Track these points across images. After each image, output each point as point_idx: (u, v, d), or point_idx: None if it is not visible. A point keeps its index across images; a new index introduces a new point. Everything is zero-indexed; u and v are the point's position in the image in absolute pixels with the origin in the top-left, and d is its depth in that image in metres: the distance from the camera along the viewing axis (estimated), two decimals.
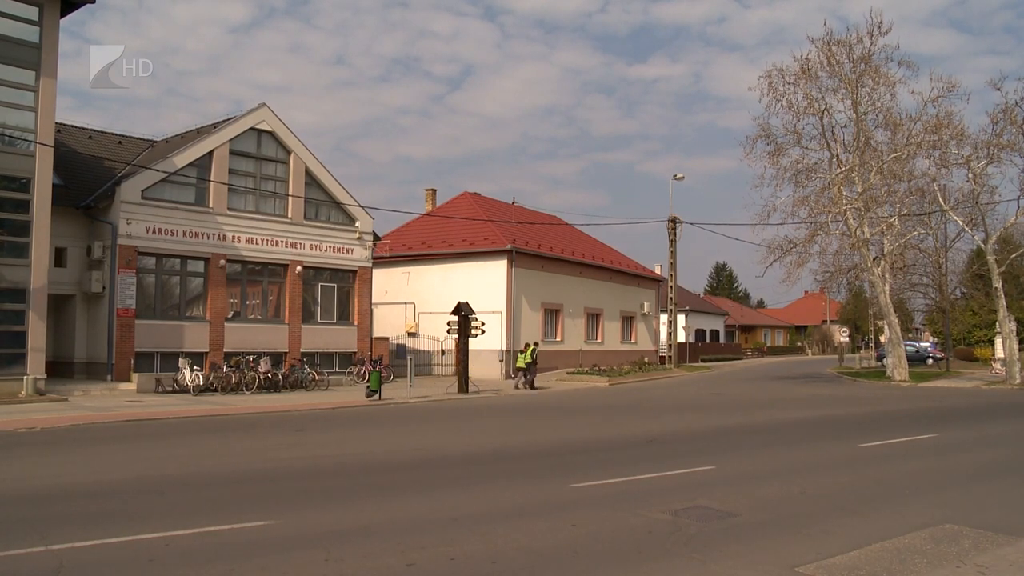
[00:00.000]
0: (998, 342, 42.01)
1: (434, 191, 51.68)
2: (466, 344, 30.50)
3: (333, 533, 8.45)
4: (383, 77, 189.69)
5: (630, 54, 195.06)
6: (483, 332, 31.09)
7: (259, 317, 32.70)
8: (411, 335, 40.98)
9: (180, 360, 27.82)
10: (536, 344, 35.01)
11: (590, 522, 9.09)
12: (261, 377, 28.29)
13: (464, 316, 30.28)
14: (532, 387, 32.87)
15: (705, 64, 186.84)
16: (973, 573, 7.04)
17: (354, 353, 34.94)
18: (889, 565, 7.28)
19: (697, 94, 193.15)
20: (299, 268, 32.79)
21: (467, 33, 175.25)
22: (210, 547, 7.89)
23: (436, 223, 44.29)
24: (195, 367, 27.61)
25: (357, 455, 14.85)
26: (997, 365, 42.00)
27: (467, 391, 29.41)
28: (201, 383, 27.00)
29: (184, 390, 26.79)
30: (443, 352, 39.36)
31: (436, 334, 37.76)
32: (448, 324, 30.94)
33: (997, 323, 40.99)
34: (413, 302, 41.80)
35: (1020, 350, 39.18)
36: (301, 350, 32.64)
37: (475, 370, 32.48)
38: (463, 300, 31.24)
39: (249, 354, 29.48)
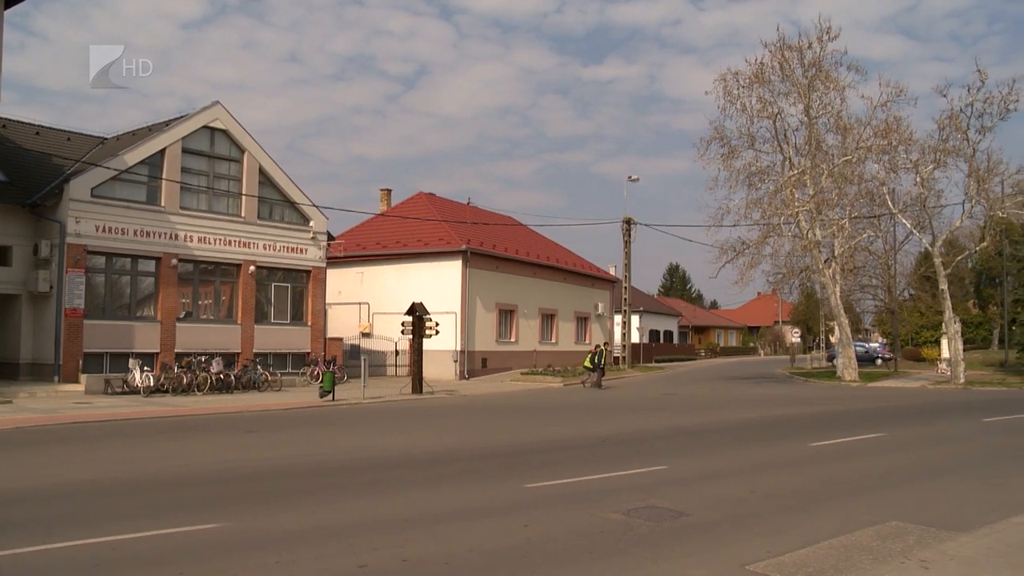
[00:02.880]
0: (944, 342, 42.77)
1: (389, 191, 51.51)
2: (420, 345, 30.42)
3: (285, 535, 8.39)
4: (338, 75, 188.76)
5: (586, 55, 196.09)
6: (437, 333, 31.02)
7: (211, 317, 32.37)
8: (365, 335, 40.79)
9: (130, 361, 27.44)
10: (603, 345, 38.51)
11: (543, 522, 9.11)
12: (213, 378, 28.00)
13: (418, 316, 30.20)
14: (599, 386, 34.79)
15: (660, 66, 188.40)
16: (916, 568, 7.16)
17: (308, 353, 34.73)
18: (836, 562, 7.38)
19: (652, 96, 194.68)
20: (252, 268, 32.53)
21: (423, 32, 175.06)
22: (159, 550, 7.80)
23: (391, 223, 44.14)
24: (145, 368, 27.24)
25: (310, 456, 14.74)
26: (943, 365, 42.73)
27: (421, 392, 29.33)
28: (152, 384, 26.63)
29: (134, 391, 26.42)
30: (397, 352, 39.23)
31: (390, 334, 37.61)
32: (402, 324, 30.84)
33: (943, 324, 41.68)
34: (367, 302, 41.61)
35: (964, 350, 39.91)
36: (254, 351, 32.37)
37: (429, 371, 32.42)
38: (417, 300, 31.15)
39: (201, 355, 29.16)
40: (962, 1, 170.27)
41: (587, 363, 36.25)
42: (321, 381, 26.89)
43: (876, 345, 64.48)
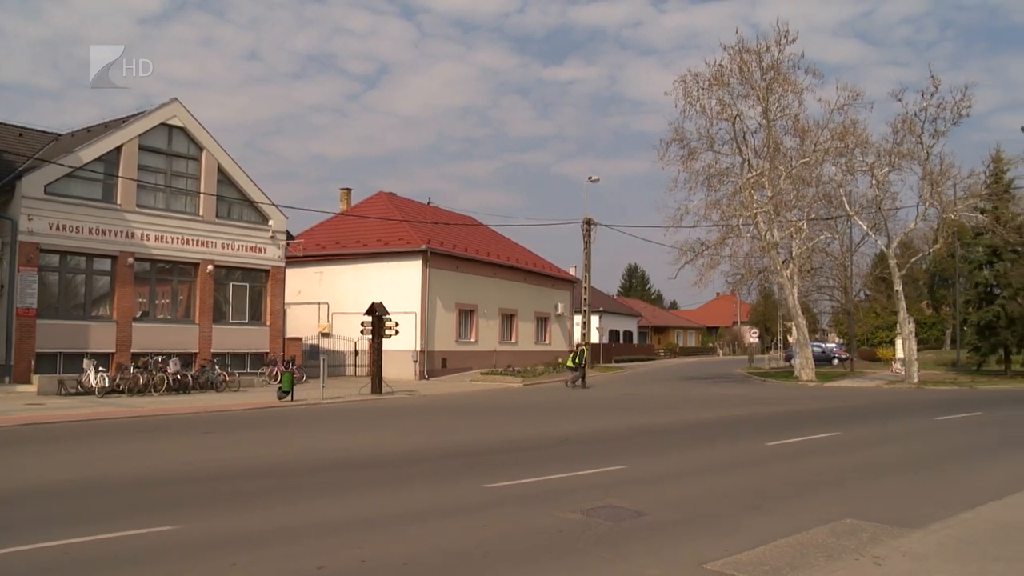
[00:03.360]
0: (898, 343, 43.37)
1: (349, 190, 51.27)
2: (380, 345, 30.31)
3: (241, 537, 8.33)
4: (297, 74, 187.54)
5: (547, 55, 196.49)
6: (397, 333, 30.93)
7: (168, 317, 32.02)
8: (324, 335, 40.55)
9: (84, 361, 27.05)
10: (583, 345, 39.77)
11: (502, 522, 9.14)
12: (170, 378, 27.70)
13: (378, 316, 30.08)
14: (583, 385, 35.72)
15: (620, 67, 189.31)
16: (870, 564, 7.27)
17: (266, 354, 34.46)
18: (792, 559, 7.47)
19: (612, 97, 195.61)
20: (210, 267, 32.22)
21: (384, 31, 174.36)
22: (112, 554, 7.71)
23: (351, 223, 43.93)
24: (100, 368, 26.90)
25: (267, 457, 14.63)
26: (897, 365, 43.34)
27: (381, 392, 29.23)
28: (107, 385, 26.31)
29: (88, 392, 26.08)
30: (357, 353, 39.04)
31: (350, 334, 37.42)
32: (362, 324, 30.71)
33: (898, 324, 42.31)
34: (327, 302, 41.38)
35: (918, 350, 40.52)
36: (212, 350, 32.04)
37: (389, 371, 32.30)
38: (377, 300, 31.03)
39: (158, 355, 28.83)
40: (915, 7, 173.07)
41: (570, 363, 36.98)
42: (280, 381, 26.70)
43: (833, 345, 65.24)
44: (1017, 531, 8.54)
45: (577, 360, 36.60)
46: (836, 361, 59.18)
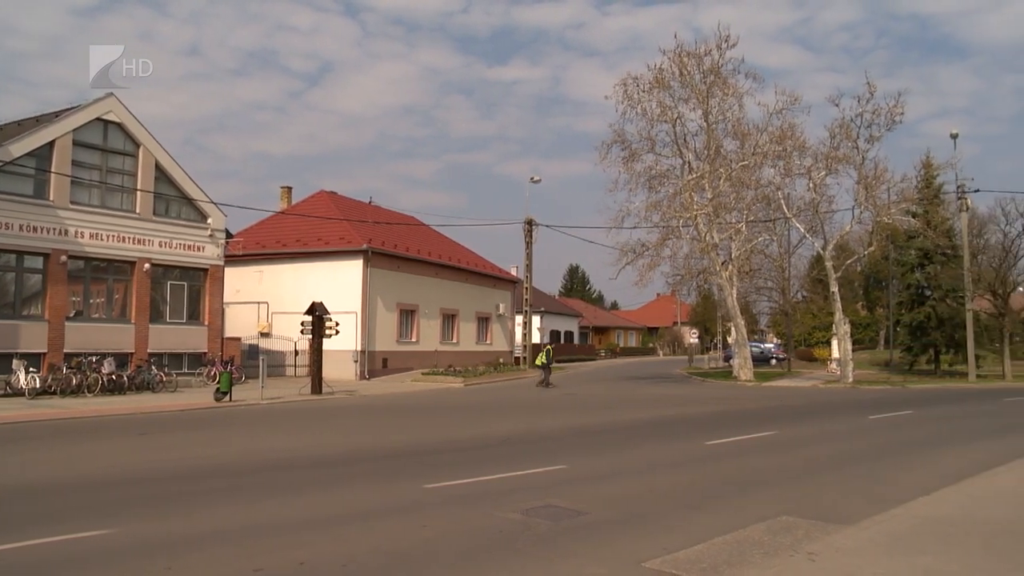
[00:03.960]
0: (834, 343, 44.19)
1: (290, 189, 50.85)
2: (320, 344, 30.11)
3: (177, 540, 8.22)
4: (239, 71, 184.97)
5: (490, 56, 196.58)
6: (337, 332, 30.76)
7: (103, 316, 31.39)
8: (264, 335, 40.13)
9: (14, 361, 26.43)
10: (550, 346, 40.46)
11: (442, 523, 9.14)
12: (104, 379, 27.21)
13: (318, 316, 29.88)
14: (548, 384, 36.30)
15: (563, 68, 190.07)
16: (804, 561, 7.41)
17: (204, 354, 33.98)
18: (729, 557, 7.56)
19: (555, 98, 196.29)
20: (147, 265, 31.66)
21: (327, 29, 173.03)
22: (42, 560, 7.56)
23: (291, 222, 43.52)
24: (31, 369, 26.30)
25: (205, 458, 14.44)
26: (833, 365, 44.13)
27: (321, 392, 29.02)
28: (38, 386, 25.73)
29: (18, 393, 25.50)
30: (297, 352, 38.71)
31: (290, 334, 37.09)
32: (302, 324, 30.46)
33: (834, 325, 43.08)
34: (266, 302, 40.95)
35: (853, 351, 41.36)
36: (148, 351, 31.49)
37: (329, 371, 32.07)
38: (317, 300, 30.82)
39: (92, 355, 28.27)
40: (852, 16, 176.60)
41: (538, 362, 38.00)
42: (218, 382, 26.38)
43: (771, 346, 66.23)
44: (944, 525, 8.76)
45: (544, 360, 37.36)
46: (774, 361, 60.09)
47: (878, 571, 7.05)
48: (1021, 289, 49.98)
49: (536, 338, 57.59)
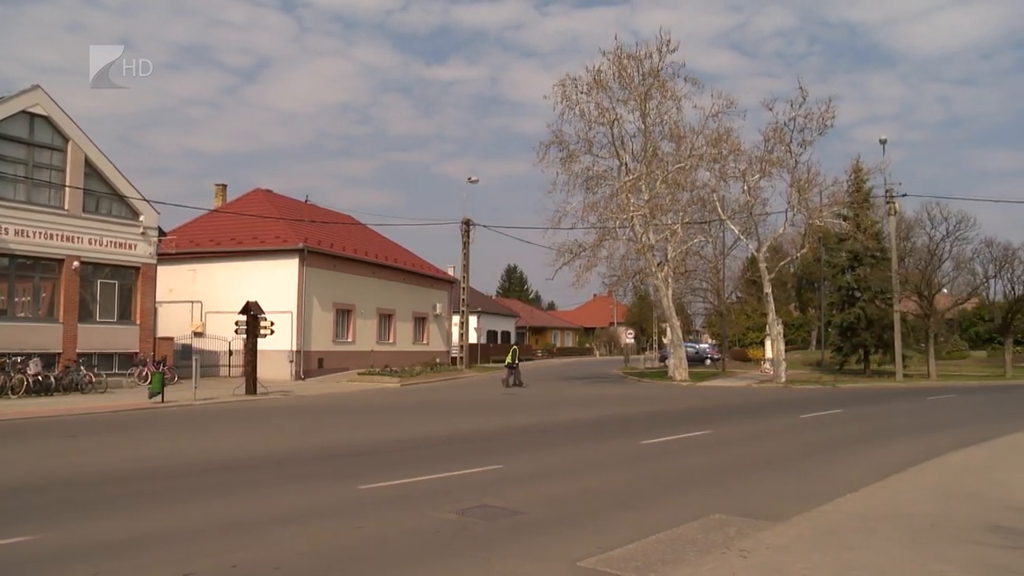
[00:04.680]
0: (768, 343, 44.88)
1: (224, 186, 50.13)
2: (254, 344, 29.77)
3: (105, 545, 8.05)
4: (172, 65, 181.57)
5: (429, 54, 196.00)
6: (272, 332, 30.44)
7: (29, 315, 30.60)
8: (198, 335, 39.55)
9: None
10: (516, 347, 40.20)
11: (377, 524, 9.10)
12: (30, 380, 26.53)
13: (253, 316, 29.54)
14: (519, 384, 36.36)
15: (502, 68, 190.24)
16: (736, 557, 7.52)
17: (136, 354, 33.35)
18: (663, 555, 7.66)
19: (494, 98, 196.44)
20: (76, 263, 30.95)
21: (263, 24, 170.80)
22: None
23: (226, 220, 42.92)
24: None
25: (135, 461, 14.16)
26: (766, 365, 44.81)
27: (256, 392, 28.69)
28: None
29: None
30: (231, 353, 38.21)
31: (224, 334, 36.59)
32: (236, 324, 30.08)
33: (767, 326, 43.75)
34: (200, 301, 40.34)
35: (786, 351, 42.11)
36: (77, 351, 30.78)
37: (264, 371, 31.69)
38: (252, 299, 30.46)
39: (17, 355, 27.54)
40: (786, 22, 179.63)
41: (506, 362, 38.10)
42: (150, 382, 25.92)
43: (706, 346, 67.00)
44: (870, 520, 8.97)
45: (511, 360, 37.53)
46: (709, 361, 60.82)
47: (807, 566, 7.20)
48: (945, 291, 51.35)
49: (473, 338, 57.64)
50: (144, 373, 31.05)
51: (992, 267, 46.76)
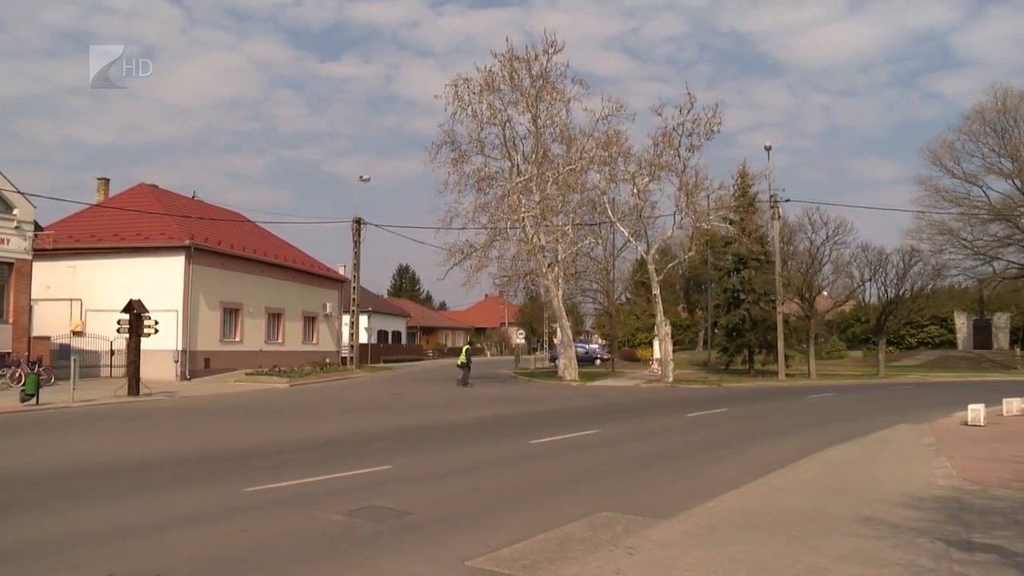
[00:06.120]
0: (656, 344, 45.73)
1: (107, 180, 48.38)
2: (138, 344, 28.90)
3: None
4: (50, 51, 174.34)
5: (323, 51, 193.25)
6: (157, 331, 29.60)
7: None
8: (77, 334, 38.16)
9: None
10: (469, 345, 41.07)
11: (264, 526, 8.96)
12: None
13: (136, 315, 28.68)
14: (466, 383, 37.14)
15: (396, 67, 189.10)
16: (623, 554, 7.66)
17: (8, 354, 31.99)
18: (551, 553, 7.73)
19: (387, 96, 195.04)
20: None
21: (149, 12, 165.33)
22: None
23: (108, 215, 41.53)
24: None
25: (5, 467, 13.50)
26: (654, 365, 45.69)
27: (138, 393, 27.86)
28: None
29: None
30: (113, 352, 37.01)
31: (106, 333, 35.41)
32: (119, 323, 29.16)
33: (655, 326, 44.58)
34: (80, 299, 38.93)
35: (674, 351, 43.01)
36: None
37: (148, 371, 30.78)
38: (136, 298, 29.57)
39: None
40: (677, 29, 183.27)
41: (459, 361, 39.33)
42: (23, 384, 24.90)
43: (596, 346, 67.87)
44: (753, 516, 9.26)
45: (464, 359, 38.64)
46: (598, 361, 61.62)
47: (692, 562, 7.38)
48: (825, 293, 53.24)
49: (363, 338, 57.10)
50: (17, 374, 29.78)
51: (868, 271, 48.68)
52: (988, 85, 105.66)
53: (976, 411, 19.61)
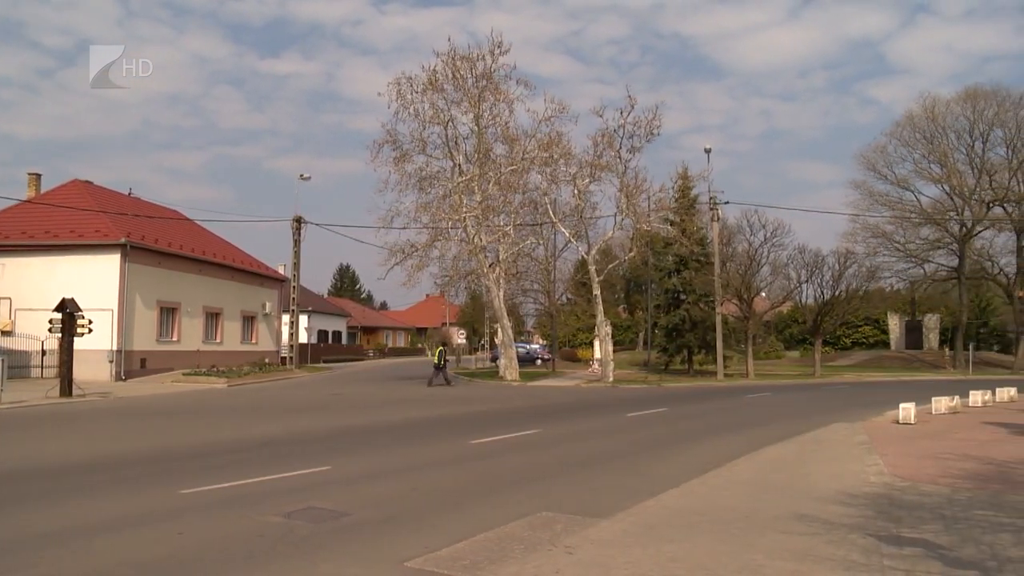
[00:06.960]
0: (596, 344, 46.00)
1: (39, 176, 47.25)
2: (71, 344, 28.30)
3: None
4: None
5: (263, 47, 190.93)
6: (90, 331, 29.00)
7: None
8: (6, 334, 37.28)
9: None
10: (442, 347, 41.69)
11: (200, 529, 8.82)
12: None
13: (69, 314, 28.07)
14: (447, 382, 38.08)
15: (338, 64, 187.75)
16: (562, 554, 7.69)
17: None
18: (490, 553, 7.73)
19: (329, 94, 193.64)
20: None
21: (84, 4, 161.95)
22: None
23: (40, 211, 40.58)
24: None
25: None
26: (595, 365, 45.93)
27: (71, 394, 27.28)
28: None
29: None
30: (44, 352, 36.21)
31: (37, 333, 34.62)
32: (50, 322, 28.51)
33: (596, 327, 44.85)
34: (9, 297, 38.02)
35: (614, 351, 43.34)
36: None
37: (81, 372, 30.15)
38: (68, 296, 28.94)
39: None
40: (620, 31, 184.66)
41: (434, 361, 40.10)
42: None
43: (537, 346, 68.06)
44: (691, 515, 9.37)
45: (438, 360, 39.20)
46: (539, 361, 61.80)
47: (630, 560, 7.43)
48: (763, 294, 54.04)
49: (303, 338, 56.63)
50: None
51: (805, 272, 49.59)
52: (918, 93, 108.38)
53: (907, 410, 20.12)
